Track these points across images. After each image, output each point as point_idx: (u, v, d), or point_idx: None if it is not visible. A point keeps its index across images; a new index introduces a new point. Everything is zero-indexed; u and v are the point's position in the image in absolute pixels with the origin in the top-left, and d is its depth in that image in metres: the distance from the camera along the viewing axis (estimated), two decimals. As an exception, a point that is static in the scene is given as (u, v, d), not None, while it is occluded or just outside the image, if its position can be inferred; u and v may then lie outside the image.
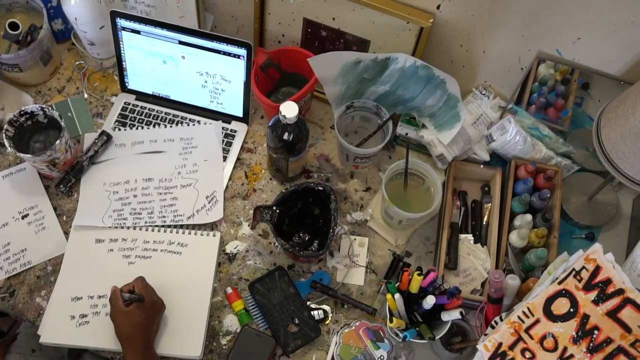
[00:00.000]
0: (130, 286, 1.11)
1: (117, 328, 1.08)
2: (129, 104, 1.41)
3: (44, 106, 1.24)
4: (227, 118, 1.39)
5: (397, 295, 1.09)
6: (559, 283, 0.98)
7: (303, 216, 1.25)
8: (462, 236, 1.26)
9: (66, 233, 1.26)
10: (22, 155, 1.18)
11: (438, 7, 1.15)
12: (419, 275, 1.08)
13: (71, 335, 1.16)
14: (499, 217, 1.25)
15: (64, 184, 1.28)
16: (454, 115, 1.23)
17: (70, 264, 1.22)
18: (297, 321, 1.18)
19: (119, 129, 1.37)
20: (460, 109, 1.22)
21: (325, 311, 1.20)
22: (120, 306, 1.07)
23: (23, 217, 1.27)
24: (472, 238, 1.26)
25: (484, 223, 1.28)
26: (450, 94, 1.20)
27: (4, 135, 1.20)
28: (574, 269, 0.98)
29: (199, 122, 1.39)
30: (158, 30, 1.28)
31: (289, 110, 1.11)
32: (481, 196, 1.32)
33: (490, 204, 1.29)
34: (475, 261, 1.23)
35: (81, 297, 1.19)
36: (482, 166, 1.30)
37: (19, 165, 1.32)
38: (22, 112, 1.23)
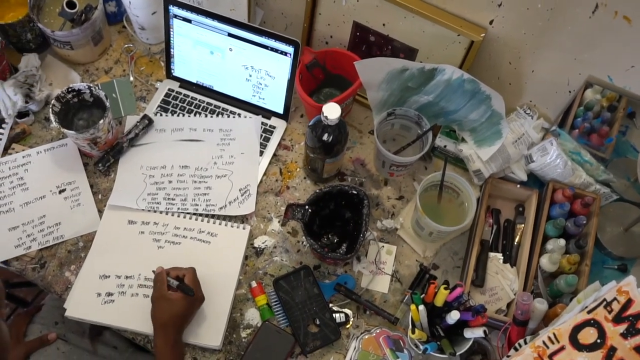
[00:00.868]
0: (180, 272, 1.12)
1: (155, 312, 1.09)
2: (173, 90, 1.42)
3: (91, 85, 1.27)
4: (267, 113, 1.40)
5: (421, 307, 1.09)
6: (589, 312, 0.97)
7: (334, 218, 1.25)
8: (491, 254, 1.25)
9: (100, 211, 1.28)
10: (65, 131, 1.21)
11: (491, 22, 1.14)
12: (445, 289, 1.07)
13: (96, 312, 1.18)
14: (531, 239, 1.23)
15: (102, 163, 1.31)
16: (495, 132, 1.22)
17: (101, 242, 1.24)
18: (318, 322, 1.18)
19: (161, 114, 1.39)
20: (502, 126, 1.21)
21: (347, 315, 1.20)
22: (165, 291, 1.08)
23: (60, 192, 1.29)
24: (502, 257, 1.25)
25: (515, 243, 1.27)
26: (495, 110, 1.19)
27: (50, 110, 1.23)
28: (605, 300, 0.96)
29: (239, 114, 1.40)
30: (208, 21, 1.30)
31: (332, 111, 1.11)
32: (515, 216, 1.31)
33: (523, 225, 1.28)
34: (503, 281, 1.22)
35: (109, 276, 1.21)
36: (518, 186, 1.29)
37: (61, 140, 1.35)
38: (69, 89, 1.26)
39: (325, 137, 1.16)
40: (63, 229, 1.26)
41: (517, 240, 1.27)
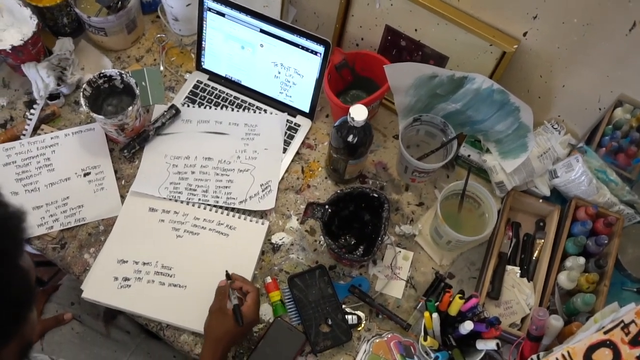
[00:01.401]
0: (245, 286, 1.11)
1: (210, 323, 1.09)
2: (201, 82, 1.44)
3: (123, 72, 1.28)
4: (293, 111, 1.40)
5: (435, 315, 1.08)
6: (605, 332, 0.96)
7: (352, 220, 1.25)
8: (509, 267, 1.24)
9: (122, 197, 1.30)
10: (94, 115, 1.23)
11: (525, 34, 1.13)
12: (460, 298, 1.07)
13: (111, 295, 1.19)
14: (550, 254, 1.22)
15: (128, 149, 1.32)
16: (521, 145, 1.21)
17: (121, 227, 1.26)
18: (330, 322, 1.18)
19: (188, 105, 1.40)
20: (529, 139, 1.20)
21: (359, 317, 1.20)
22: (224, 306, 1.08)
23: (85, 175, 1.31)
24: (519, 271, 1.24)
25: (534, 258, 1.26)
26: (522, 122, 1.18)
27: (81, 93, 1.25)
28: (622, 321, 0.95)
29: (265, 110, 1.41)
30: (242, 16, 1.31)
31: (359, 113, 1.11)
32: (535, 231, 1.30)
33: (543, 240, 1.27)
34: (519, 295, 1.21)
35: (127, 261, 1.22)
36: (540, 200, 1.28)
37: (89, 124, 1.36)
38: (101, 75, 1.28)
39: (350, 138, 1.16)
40: (85, 212, 1.28)
41: (535, 255, 1.26)
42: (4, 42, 1.29)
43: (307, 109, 1.39)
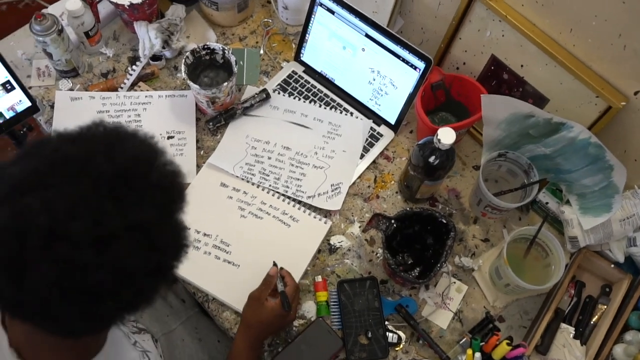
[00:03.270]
0: (288, 278, 1.13)
1: (246, 308, 1.12)
2: (296, 73, 1.46)
3: (225, 48, 1.32)
4: (378, 120, 1.40)
5: (477, 354, 1.06)
6: (654, 417, 0.91)
7: (415, 240, 1.24)
8: (563, 325, 1.20)
9: (198, 166, 1.33)
10: (190, 83, 1.27)
11: (636, 93, 1.08)
12: (508, 344, 1.04)
13: (168, 257, 1.22)
14: (610, 323, 1.16)
15: (213, 122, 1.36)
16: (605, 205, 1.16)
17: (191, 195, 1.29)
18: (369, 335, 1.17)
19: (279, 93, 1.42)
20: (615, 201, 1.15)
21: (400, 337, 1.19)
22: (264, 294, 1.09)
23: (168, 138, 1.36)
24: (573, 332, 1.19)
25: (592, 322, 1.20)
26: (612, 182, 1.13)
27: (183, 60, 1.29)
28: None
29: (351, 113, 1.41)
30: (350, 17, 1.31)
31: (447, 136, 1.10)
32: (599, 295, 1.24)
33: (605, 306, 1.21)
34: (568, 356, 1.16)
35: (189, 228, 1.24)
36: (612, 266, 1.22)
37: (183, 91, 1.41)
38: (205, 46, 1.32)
39: (431, 159, 1.15)
40: (161, 173, 1.32)
41: (594, 319, 1.21)
42: (123, -2, 1.35)
43: (393, 121, 1.38)
